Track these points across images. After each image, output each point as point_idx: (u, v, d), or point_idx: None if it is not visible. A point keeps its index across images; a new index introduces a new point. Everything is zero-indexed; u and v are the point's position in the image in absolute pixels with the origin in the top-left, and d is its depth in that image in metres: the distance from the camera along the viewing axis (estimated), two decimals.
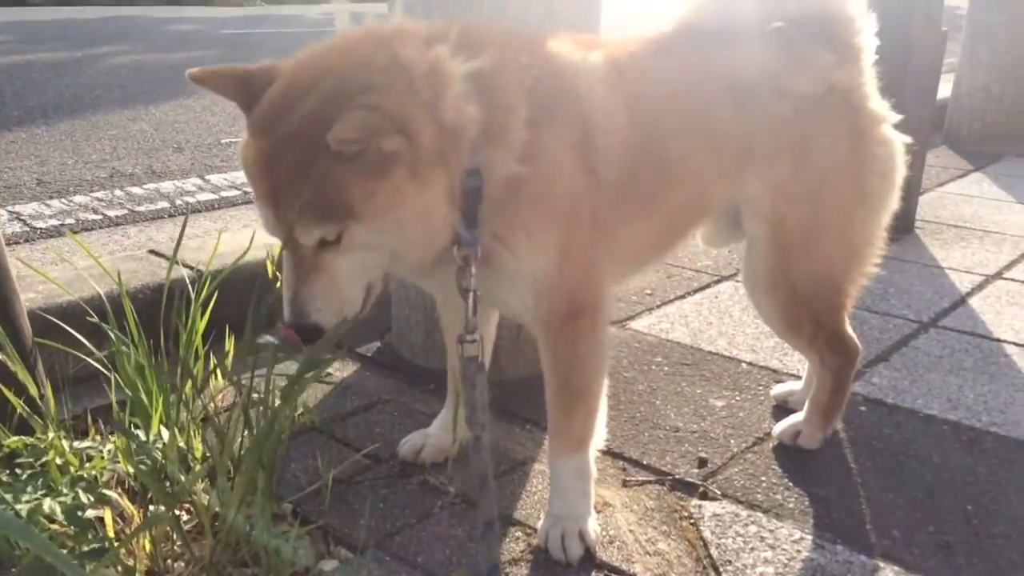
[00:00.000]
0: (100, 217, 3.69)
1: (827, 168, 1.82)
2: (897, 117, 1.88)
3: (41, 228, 3.50)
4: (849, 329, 1.97)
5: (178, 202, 3.92)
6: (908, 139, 1.89)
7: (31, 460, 1.54)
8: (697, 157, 1.76)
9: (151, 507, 1.62)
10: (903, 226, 3.77)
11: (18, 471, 1.56)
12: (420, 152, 1.36)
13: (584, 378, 1.67)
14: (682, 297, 3.03)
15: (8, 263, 1.77)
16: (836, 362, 1.96)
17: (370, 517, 1.74)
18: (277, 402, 1.61)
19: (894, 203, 1.90)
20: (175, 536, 1.57)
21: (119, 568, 1.46)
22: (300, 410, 2.08)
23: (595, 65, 1.64)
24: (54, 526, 1.44)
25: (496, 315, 2.02)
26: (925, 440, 2.08)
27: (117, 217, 3.70)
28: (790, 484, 1.90)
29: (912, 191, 3.81)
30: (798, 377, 2.38)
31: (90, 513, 1.52)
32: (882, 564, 1.64)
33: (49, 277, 1.96)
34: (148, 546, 1.54)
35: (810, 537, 1.72)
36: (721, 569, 1.62)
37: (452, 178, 1.42)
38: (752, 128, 1.78)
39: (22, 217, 3.60)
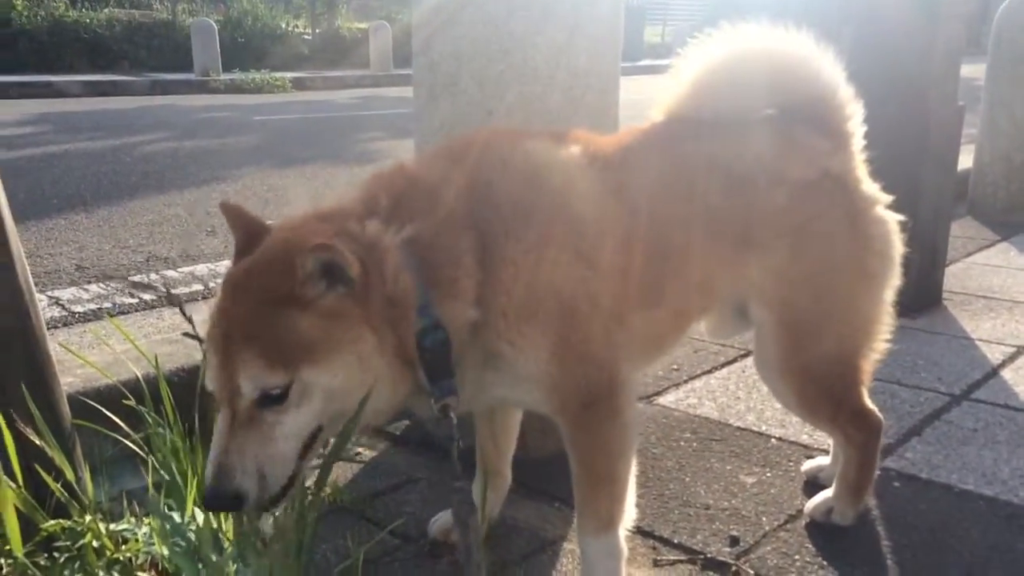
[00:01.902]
0: (137, 300, 3.78)
1: (827, 252, 1.84)
2: (888, 198, 1.92)
3: (79, 312, 3.60)
4: (869, 403, 1.97)
5: (211, 284, 4.01)
6: (901, 217, 1.92)
7: (68, 543, 1.56)
8: (698, 245, 1.77)
9: None
10: (931, 298, 3.76)
11: (55, 554, 1.59)
12: (372, 301, 1.42)
13: (607, 463, 1.67)
14: (709, 372, 3.03)
15: (49, 349, 1.82)
16: (860, 437, 1.95)
17: None
18: (307, 482, 1.63)
19: (896, 279, 1.93)
20: None
21: None
22: (329, 489, 2.09)
23: (570, 158, 1.67)
24: None
25: None
26: (961, 516, 2.05)
27: (153, 300, 3.79)
28: (824, 563, 1.87)
29: (938, 263, 3.81)
30: (828, 452, 2.36)
31: None
32: None
33: (89, 361, 2.01)
34: None
35: None
36: None
37: (402, 342, 1.46)
38: (749, 215, 1.80)
39: (61, 302, 3.70)
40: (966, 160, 5.11)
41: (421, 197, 1.55)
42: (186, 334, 2.00)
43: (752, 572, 1.84)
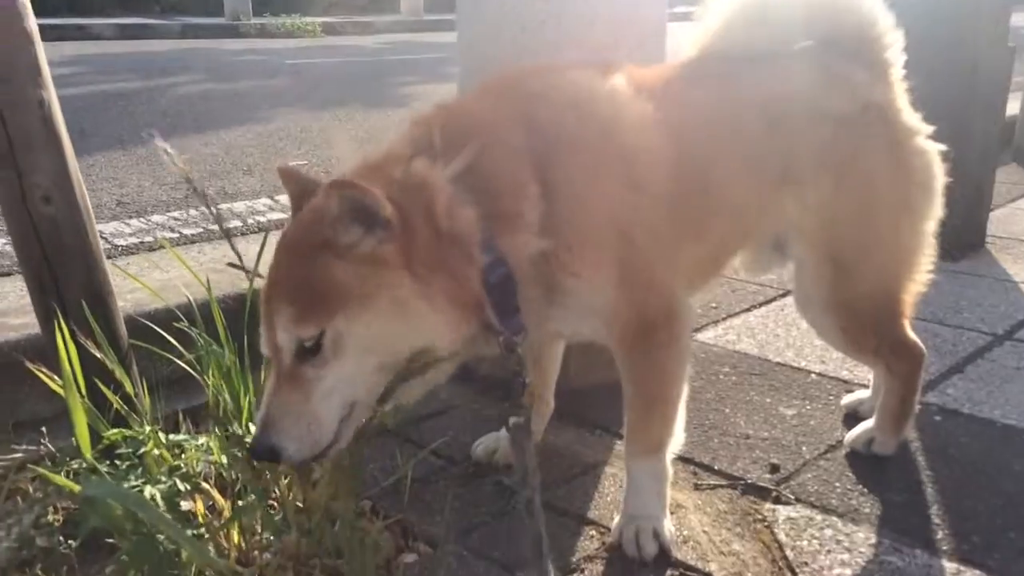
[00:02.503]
0: (177, 235, 3.83)
1: (870, 186, 1.82)
2: (930, 128, 1.88)
3: (122, 246, 3.65)
4: (912, 334, 1.97)
5: (249, 221, 4.05)
6: (942, 147, 1.89)
7: (130, 451, 1.62)
8: (737, 182, 1.76)
9: (240, 501, 1.68)
10: (975, 241, 3.71)
11: (117, 462, 1.64)
12: (415, 245, 1.38)
13: (662, 387, 1.69)
14: (748, 310, 3.03)
15: (106, 267, 1.87)
16: (903, 368, 1.96)
17: (448, 514, 1.78)
18: None
19: (938, 210, 1.91)
20: (262, 528, 1.63)
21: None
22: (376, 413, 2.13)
23: (616, 88, 1.65)
24: None
25: None
26: (1004, 449, 2.05)
27: (193, 235, 3.84)
28: (865, 490, 1.89)
29: (983, 206, 3.76)
30: (869, 386, 2.37)
31: (183, 506, 1.60)
32: (963, 568, 1.62)
33: (143, 283, 2.05)
34: (237, 537, 1.60)
35: (888, 541, 1.71)
36: (798, 570, 1.62)
37: (461, 283, 1.43)
38: (790, 151, 1.78)
39: (104, 235, 3.75)
40: (1013, 107, 5.00)
41: (472, 131, 1.51)
42: (231, 264, 2.04)
43: (792, 497, 1.87)
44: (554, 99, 1.59)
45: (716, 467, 2.00)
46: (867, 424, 2.06)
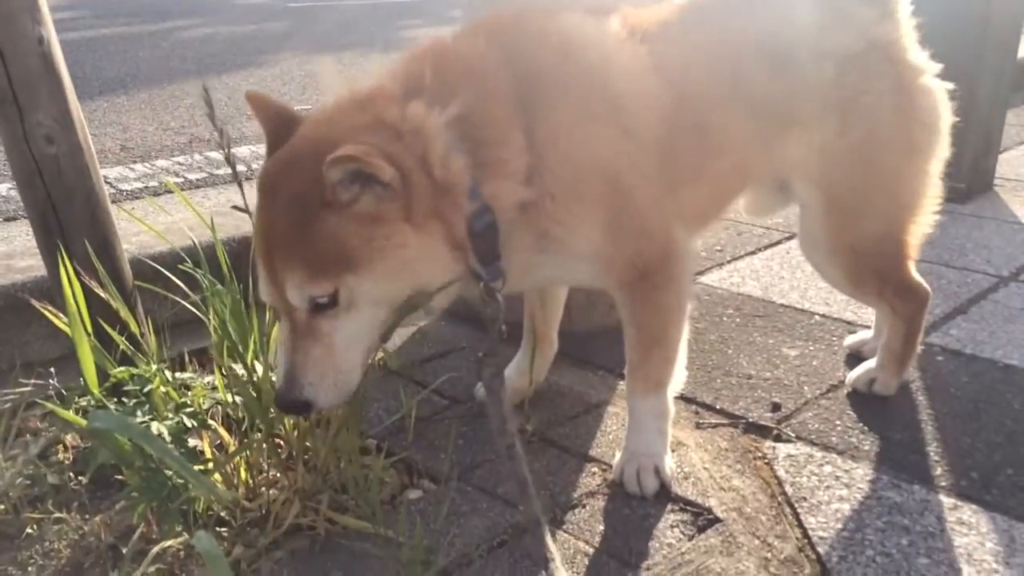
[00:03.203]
0: (181, 180, 3.82)
1: (874, 126, 1.79)
2: (937, 66, 1.84)
3: (127, 190, 3.66)
4: (916, 275, 1.96)
5: (254, 166, 4.03)
6: (950, 85, 1.86)
7: (137, 389, 1.64)
8: (738, 124, 1.73)
9: (246, 439, 1.71)
10: (983, 183, 3.68)
11: (124, 400, 1.66)
12: (414, 197, 1.37)
13: (662, 327, 1.69)
14: (752, 253, 3.02)
15: (109, 207, 1.87)
16: (907, 309, 1.96)
17: (451, 452, 1.80)
18: None
19: (944, 151, 1.88)
20: (268, 465, 1.66)
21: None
22: (380, 354, 2.15)
23: (607, 32, 1.62)
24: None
25: None
26: (1005, 388, 2.06)
27: (197, 180, 3.84)
28: (865, 428, 1.90)
29: (992, 148, 3.71)
30: (872, 327, 2.37)
31: (190, 443, 1.62)
32: (960, 503, 1.64)
33: (149, 225, 2.06)
34: (244, 473, 1.63)
35: (886, 477, 1.73)
36: (796, 505, 1.65)
37: (451, 228, 1.42)
38: (794, 92, 1.75)
39: (108, 180, 3.75)
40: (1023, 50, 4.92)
41: (464, 74, 1.49)
42: (236, 207, 2.03)
43: (793, 435, 1.88)
44: (542, 44, 1.56)
45: (718, 406, 2.02)
46: (869, 364, 2.07)
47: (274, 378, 1.48)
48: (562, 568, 1.40)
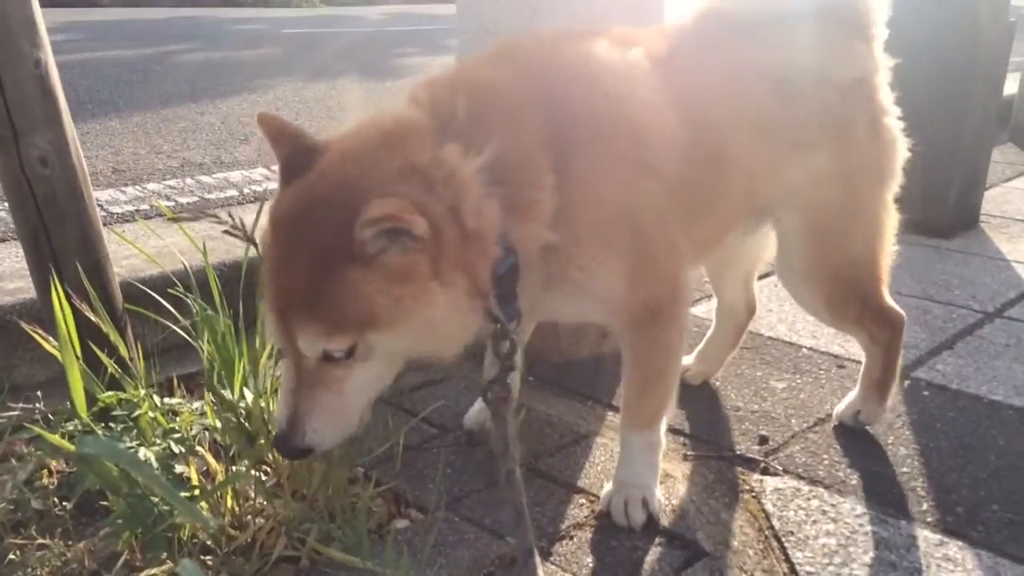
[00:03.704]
0: (173, 203, 3.82)
1: (858, 155, 1.85)
2: (898, 111, 1.91)
3: (117, 213, 3.65)
4: (891, 301, 1.99)
5: (246, 190, 4.04)
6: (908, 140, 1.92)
7: (125, 414, 1.63)
8: (753, 153, 1.75)
9: (233, 466, 1.70)
10: (968, 220, 3.73)
11: (112, 425, 1.66)
12: (443, 250, 1.30)
13: (663, 363, 1.70)
14: None
15: (101, 230, 1.87)
16: (884, 335, 1.99)
17: (440, 481, 1.79)
18: None
19: (898, 183, 1.93)
20: (255, 493, 1.65)
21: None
22: None
23: (634, 64, 1.60)
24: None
25: None
26: (990, 424, 2.08)
27: (189, 204, 3.83)
28: (852, 463, 1.91)
29: (978, 184, 3.77)
30: (859, 362, 2.39)
31: (177, 468, 1.61)
32: (946, 539, 1.65)
33: (140, 248, 2.06)
34: (230, 501, 1.62)
35: (873, 512, 1.73)
36: (783, 540, 1.65)
37: (477, 276, 1.37)
38: (800, 118, 1.79)
39: (99, 202, 3.74)
40: (1010, 86, 4.99)
41: (498, 111, 1.44)
42: (227, 231, 2.04)
43: (780, 468, 1.89)
44: (571, 75, 1.53)
45: (706, 439, 2.02)
46: (851, 396, 2.08)
47: (274, 414, 1.46)
48: None
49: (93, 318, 1.69)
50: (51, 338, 1.68)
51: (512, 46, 1.62)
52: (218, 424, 1.65)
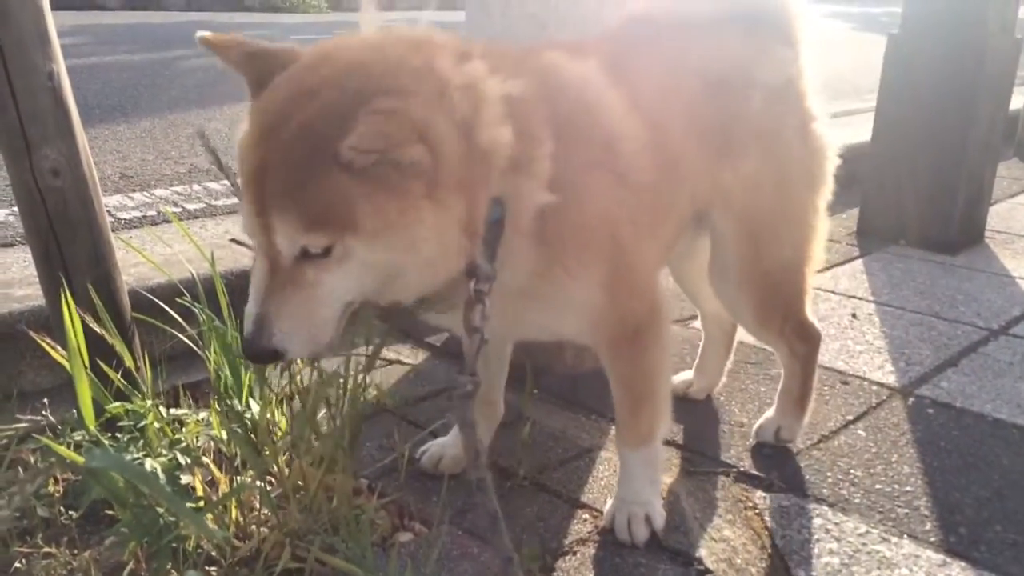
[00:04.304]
0: (180, 210, 3.83)
1: (788, 159, 1.86)
2: (825, 114, 1.93)
3: (125, 219, 3.66)
4: (811, 315, 2.01)
5: None
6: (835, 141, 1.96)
7: (131, 424, 1.64)
8: (692, 153, 1.74)
9: (238, 477, 1.71)
10: (973, 235, 3.73)
11: (119, 435, 1.67)
12: (443, 170, 1.23)
13: (649, 383, 1.69)
14: None
15: (111, 240, 1.88)
16: (804, 349, 2.00)
17: (444, 494, 1.80)
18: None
19: (828, 196, 1.96)
20: (261, 504, 1.65)
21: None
22: (375, 391, 2.16)
23: (597, 72, 1.59)
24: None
25: None
26: (993, 443, 2.08)
27: (196, 210, 3.85)
28: (855, 480, 1.91)
29: (984, 200, 3.77)
30: (863, 379, 2.40)
31: (183, 479, 1.62)
32: (949, 559, 1.65)
33: (148, 257, 2.07)
34: (235, 512, 1.63)
35: (876, 531, 1.73)
36: (787, 558, 1.65)
37: (474, 206, 1.30)
38: (729, 120, 1.79)
39: (107, 208, 3.75)
40: (1016, 102, 5.00)
41: (513, 68, 1.40)
42: (234, 240, 2.05)
43: (784, 485, 1.89)
44: (556, 81, 1.52)
45: (709, 454, 2.03)
46: (769, 414, 2.09)
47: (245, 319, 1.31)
48: None
49: (99, 330, 1.70)
50: (59, 347, 1.69)
51: (493, 49, 1.54)
52: (224, 435, 1.66)
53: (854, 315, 2.89)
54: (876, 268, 3.38)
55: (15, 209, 3.65)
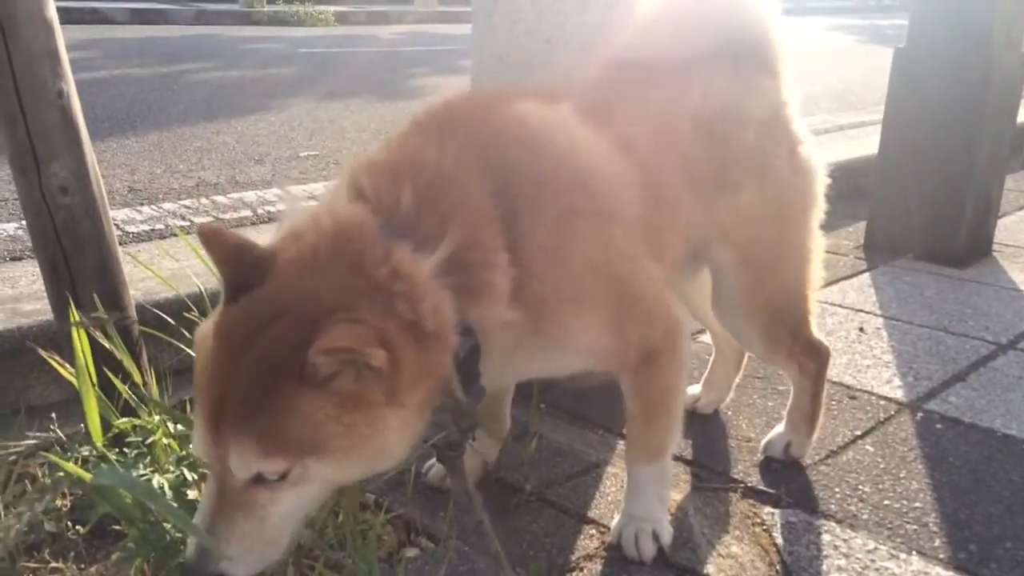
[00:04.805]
0: (188, 223, 3.85)
1: (781, 186, 1.88)
2: (811, 138, 1.95)
3: (133, 232, 3.68)
4: (818, 333, 2.02)
5: (259, 211, 4.07)
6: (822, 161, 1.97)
7: (139, 440, 1.65)
8: (683, 196, 1.74)
9: None
10: (981, 249, 3.72)
11: (126, 451, 1.67)
12: (403, 377, 1.22)
13: (665, 399, 1.69)
14: None
15: (119, 256, 1.89)
16: (813, 367, 2.01)
17: (451, 509, 1.80)
18: None
19: (821, 215, 1.97)
20: None
21: None
22: None
23: (567, 116, 1.57)
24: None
25: None
26: (1003, 459, 2.07)
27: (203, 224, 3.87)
28: (863, 496, 1.91)
29: (991, 213, 3.76)
30: (871, 393, 2.39)
31: (190, 495, 1.62)
32: None
33: (155, 272, 2.08)
34: None
35: (885, 548, 1.72)
36: (795, 574, 1.64)
37: (438, 376, 1.31)
38: (724, 159, 1.81)
39: (115, 222, 3.76)
40: (1022, 115, 5.00)
41: (443, 193, 1.37)
42: None
43: (792, 501, 1.88)
44: (509, 138, 1.48)
45: (717, 470, 2.02)
46: (779, 429, 2.09)
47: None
48: None
49: (109, 346, 1.71)
50: (67, 364, 1.70)
51: (447, 113, 1.55)
52: None
53: (861, 329, 2.88)
54: (883, 282, 3.38)
55: (24, 223, 3.68)
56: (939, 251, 3.59)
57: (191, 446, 1.30)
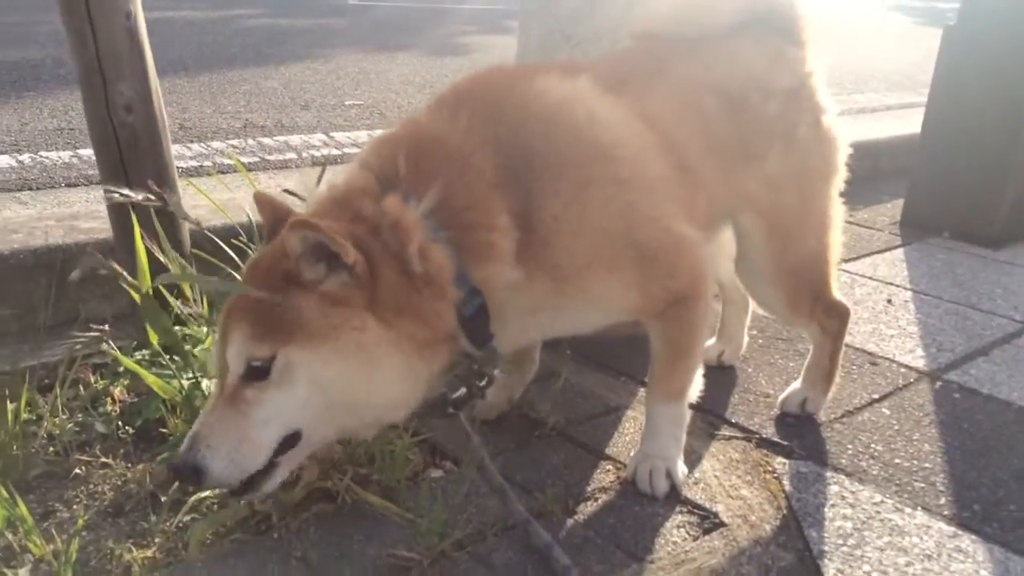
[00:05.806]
0: (234, 162, 3.95)
1: (806, 153, 1.93)
2: (836, 108, 1.99)
3: (182, 167, 3.79)
4: (839, 294, 2.08)
5: (304, 155, 4.16)
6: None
7: (190, 348, 1.75)
8: (708, 164, 1.78)
9: None
10: (1017, 232, 3.70)
11: (176, 357, 1.77)
12: (381, 290, 1.36)
13: (690, 341, 1.76)
14: None
15: (176, 179, 1.99)
16: (834, 326, 2.07)
17: (475, 436, 1.87)
18: None
19: (842, 184, 2.02)
20: None
21: None
22: None
23: (587, 88, 1.63)
24: None
25: None
26: (1017, 429, 2.11)
27: (250, 164, 3.96)
28: (875, 454, 1.96)
29: None
30: (893, 361, 2.44)
31: None
32: (960, 532, 1.70)
33: (209, 197, 2.17)
34: None
35: (891, 501, 1.78)
36: (801, 519, 1.71)
37: (434, 322, 1.42)
38: (749, 130, 1.85)
39: None
40: None
41: (442, 158, 1.48)
42: (286, 191, 2.14)
43: (804, 454, 1.95)
44: (527, 112, 1.56)
45: (734, 420, 2.09)
46: (796, 386, 2.15)
47: None
48: (563, 553, 1.49)
49: (162, 259, 1.81)
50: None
51: (469, 88, 1.63)
52: None
53: (889, 301, 2.91)
54: (916, 258, 3.39)
55: (79, 152, 3.80)
56: (975, 231, 3.59)
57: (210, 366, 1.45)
